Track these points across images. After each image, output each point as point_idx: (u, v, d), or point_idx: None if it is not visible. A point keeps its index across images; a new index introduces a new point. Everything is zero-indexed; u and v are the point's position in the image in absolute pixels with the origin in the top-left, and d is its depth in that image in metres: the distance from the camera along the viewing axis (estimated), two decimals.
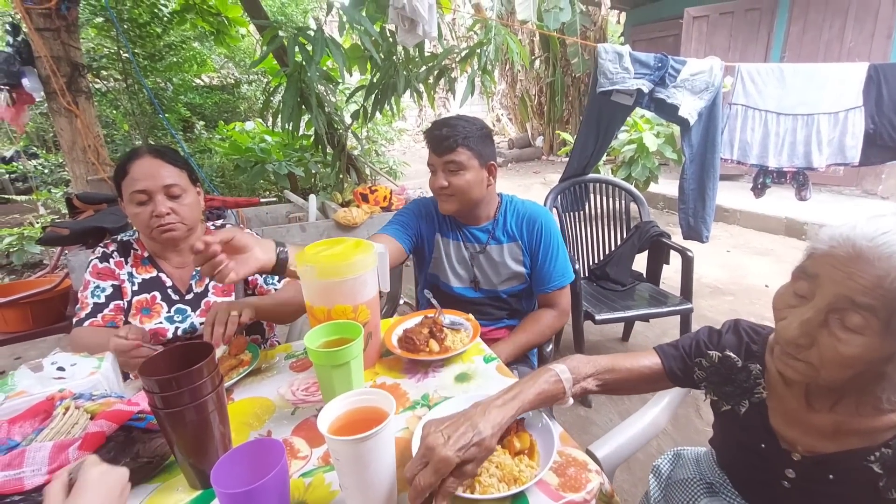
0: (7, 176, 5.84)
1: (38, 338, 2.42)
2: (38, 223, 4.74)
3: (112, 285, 1.23)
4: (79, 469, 0.55)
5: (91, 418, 0.79)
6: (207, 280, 1.30)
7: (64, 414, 0.79)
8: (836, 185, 5.47)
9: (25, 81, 2.51)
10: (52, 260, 2.86)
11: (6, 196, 5.67)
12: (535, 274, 1.45)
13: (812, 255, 0.63)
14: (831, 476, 0.70)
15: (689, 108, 2.31)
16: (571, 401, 0.84)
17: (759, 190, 2.78)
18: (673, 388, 1.14)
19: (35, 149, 5.92)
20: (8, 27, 2.61)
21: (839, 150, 2.46)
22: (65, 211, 4.99)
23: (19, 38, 2.53)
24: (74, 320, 1.20)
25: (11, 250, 4.29)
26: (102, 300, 1.21)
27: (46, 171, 5.56)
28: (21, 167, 5.60)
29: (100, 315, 1.19)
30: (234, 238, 0.89)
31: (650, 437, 1.16)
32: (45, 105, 4.60)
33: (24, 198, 5.50)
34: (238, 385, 1.02)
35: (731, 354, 0.83)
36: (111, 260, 1.25)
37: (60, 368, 0.92)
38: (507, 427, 0.73)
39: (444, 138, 1.32)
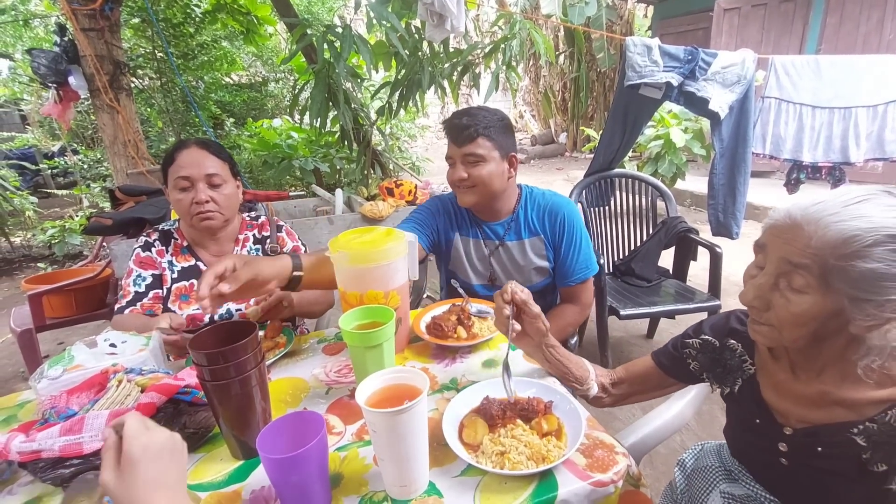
0: (49, 171, 6.12)
1: (80, 324, 2.55)
2: (78, 216, 4.96)
3: (152, 274, 1.29)
4: (122, 425, 0.53)
5: (141, 391, 0.85)
6: None
7: (118, 386, 0.85)
8: (875, 182, 5.24)
9: (72, 79, 2.63)
10: (93, 250, 3.00)
11: (48, 190, 5.95)
12: (557, 267, 1.43)
13: (764, 230, 0.72)
14: (819, 448, 0.73)
15: (720, 101, 2.27)
16: (595, 388, 0.95)
17: (792, 186, 2.71)
18: (697, 384, 1.15)
19: (75, 145, 6.19)
20: (56, 28, 2.75)
21: (878, 145, 2.38)
22: (103, 205, 5.23)
23: (66, 39, 2.66)
24: (116, 307, 1.27)
25: (54, 242, 4.51)
26: (143, 289, 1.27)
27: (85, 166, 5.81)
28: (63, 163, 5.87)
29: (139, 304, 1.26)
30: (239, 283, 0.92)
31: (675, 430, 1.16)
32: (86, 103, 4.82)
33: (64, 192, 5.76)
34: (274, 366, 1.06)
35: (708, 337, 0.90)
36: (153, 249, 1.31)
37: (112, 345, 0.98)
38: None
39: (465, 128, 1.27)
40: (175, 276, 1.30)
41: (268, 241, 1.40)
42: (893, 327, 0.62)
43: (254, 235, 1.40)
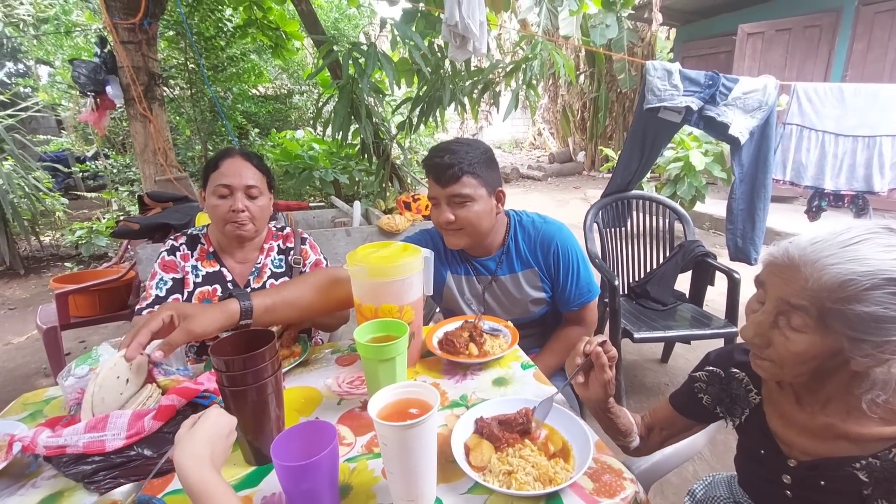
0: (80, 174, 6.36)
1: (102, 324, 2.62)
2: (105, 218, 5.13)
3: (173, 278, 1.33)
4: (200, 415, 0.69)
5: (163, 393, 0.88)
6: (266, 277, 1.39)
7: (140, 388, 0.88)
8: None
9: (109, 89, 2.76)
10: (119, 252, 3.09)
11: (78, 192, 6.17)
12: (558, 296, 1.39)
13: (763, 266, 0.72)
14: (822, 482, 0.73)
15: (740, 126, 2.26)
16: (637, 440, 0.97)
17: (813, 213, 2.68)
18: None
19: (107, 150, 6.43)
20: (97, 40, 2.89)
21: None
22: (130, 208, 5.40)
23: (106, 50, 2.80)
24: (137, 307, 1.31)
25: (81, 242, 4.66)
26: (164, 293, 1.31)
27: (115, 170, 6.02)
28: (94, 166, 6.09)
29: (157, 307, 1.29)
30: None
31: (687, 458, 1.15)
32: (119, 110, 5.02)
33: (93, 195, 5.96)
34: (288, 375, 1.09)
35: (713, 368, 0.90)
36: (178, 253, 1.36)
37: None
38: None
39: (448, 167, 1.21)
40: (199, 280, 1.34)
41: (291, 252, 1.43)
42: (894, 365, 0.62)
43: (278, 246, 1.44)
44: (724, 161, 4.31)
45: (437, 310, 2.13)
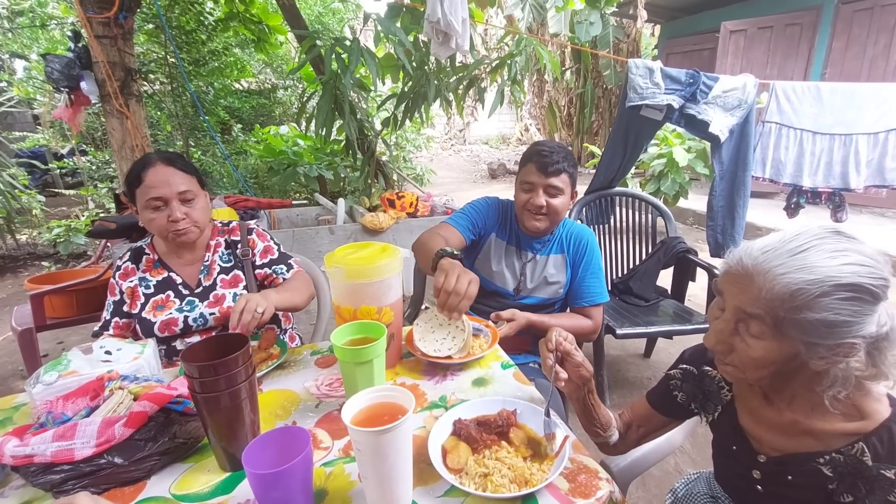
0: (58, 171, 6.20)
1: (80, 324, 2.56)
2: (83, 216, 5.01)
3: (114, 302, 1.30)
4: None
5: (134, 399, 0.86)
6: (215, 274, 1.37)
7: (112, 394, 0.86)
8: (879, 207, 5.26)
9: (83, 84, 2.68)
10: (97, 251, 3.02)
11: (56, 190, 6.02)
12: (572, 287, 1.53)
13: (721, 274, 0.74)
14: (790, 477, 0.75)
15: (721, 124, 2.29)
16: (617, 435, 0.98)
17: (792, 210, 2.72)
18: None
19: (84, 146, 6.27)
20: (70, 34, 2.81)
21: (878, 172, 2.39)
22: (108, 206, 5.28)
23: (80, 45, 2.72)
24: (93, 332, 1.30)
25: (59, 241, 4.54)
26: (108, 317, 1.30)
27: (94, 167, 5.88)
28: (72, 163, 5.94)
29: (106, 332, 1.28)
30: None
31: (665, 454, 1.17)
32: (97, 106, 4.90)
33: (72, 192, 5.82)
34: (266, 377, 1.07)
35: (687, 366, 0.92)
36: (117, 273, 1.32)
37: (108, 352, 1.00)
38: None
39: (554, 162, 1.41)
40: (150, 290, 1.31)
41: (239, 245, 1.41)
42: (851, 361, 0.64)
43: (225, 241, 1.41)
44: (706, 157, 4.36)
45: (424, 306, 2.13)
